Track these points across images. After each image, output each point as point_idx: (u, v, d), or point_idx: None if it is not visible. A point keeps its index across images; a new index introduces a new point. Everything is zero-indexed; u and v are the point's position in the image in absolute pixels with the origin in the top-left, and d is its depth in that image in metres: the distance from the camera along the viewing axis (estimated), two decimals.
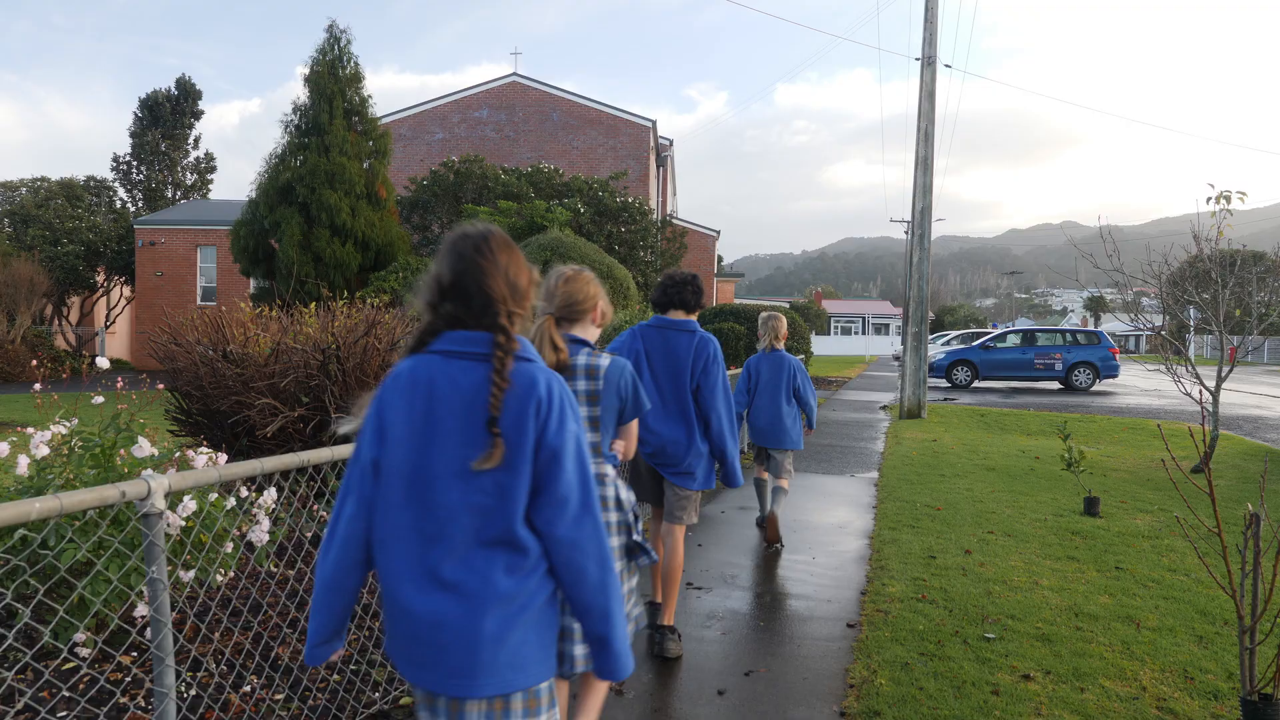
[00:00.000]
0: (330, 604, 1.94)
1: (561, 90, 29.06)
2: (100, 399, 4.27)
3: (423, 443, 1.85)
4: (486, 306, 1.89)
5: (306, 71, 19.15)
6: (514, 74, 29.14)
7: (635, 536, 3.07)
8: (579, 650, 2.62)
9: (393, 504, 1.85)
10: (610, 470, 3.05)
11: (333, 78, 19.10)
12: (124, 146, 53.45)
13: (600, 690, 2.97)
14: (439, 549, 1.82)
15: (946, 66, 16.59)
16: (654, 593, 4.27)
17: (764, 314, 6.77)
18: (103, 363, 4.08)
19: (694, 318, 4.33)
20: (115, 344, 31.63)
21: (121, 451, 3.82)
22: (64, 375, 20.53)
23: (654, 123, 29.18)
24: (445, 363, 1.88)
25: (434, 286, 1.94)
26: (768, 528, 6.32)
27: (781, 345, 6.65)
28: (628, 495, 3.11)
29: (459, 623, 1.80)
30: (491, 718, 1.85)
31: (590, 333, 3.15)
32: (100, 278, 30.33)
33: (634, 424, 3.19)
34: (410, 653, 1.85)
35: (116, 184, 38.73)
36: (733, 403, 4.38)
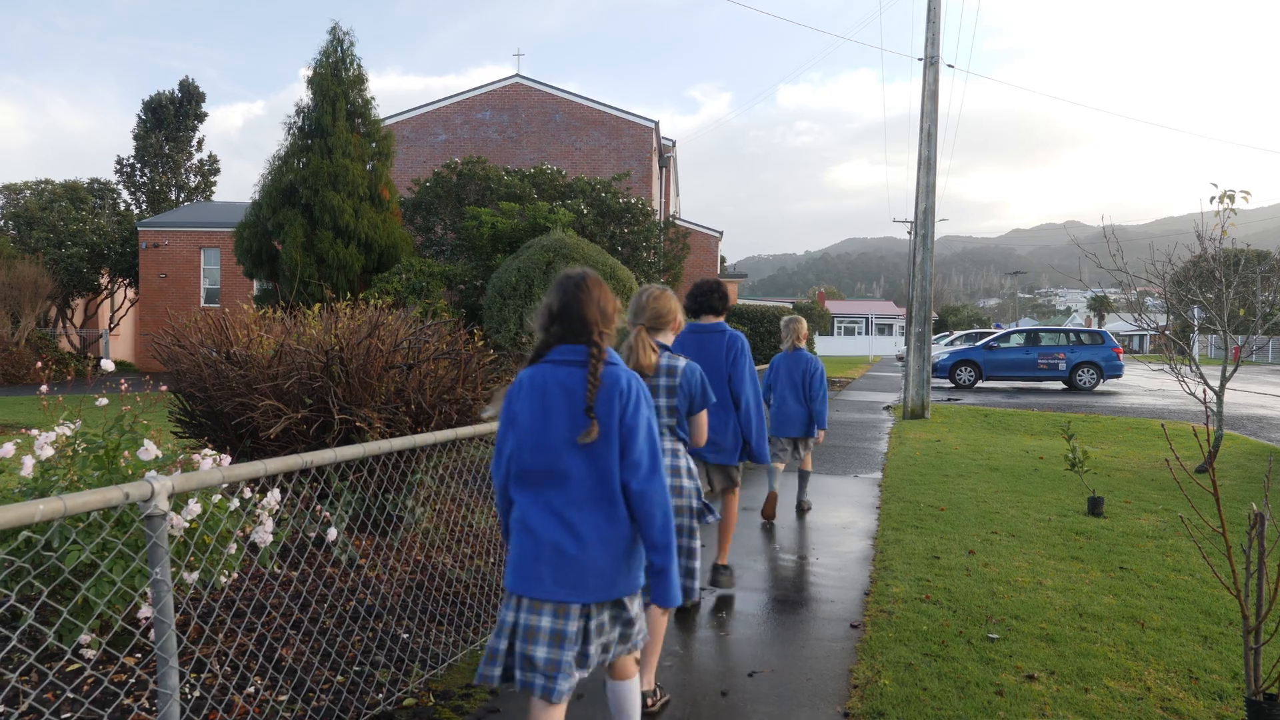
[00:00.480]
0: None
1: (564, 91, 29.05)
2: (104, 401, 4.27)
3: (543, 425, 2.60)
4: (584, 327, 2.65)
5: (309, 73, 19.15)
6: (516, 75, 29.13)
7: (704, 499, 3.78)
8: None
9: (527, 465, 2.62)
10: (683, 447, 3.76)
11: (335, 79, 19.10)
12: (127, 149, 53.47)
13: (661, 623, 3.61)
14: (561, 497, 2.58)
15: (949, 67, 16.57)
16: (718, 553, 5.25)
17: (785, 318, 7.47)
18: (107, 365, 4.08)
19: (722, 319, 5.03)
20: (119, 346, 31.68)
21: (125, 453, 3.82)
22: (68, 377, 20.53)
23: (657, 123, 29.16)
24: (554, 369, 2.63)
25: (546, 314, 2.72)
26: (765, 506, 7.15)
27: (803, 344, 7.37)
28: (696, 467, 3.80)
29: (574, 552, 2.55)
30: (588, 616, 2.59)
31: (669, 338, 3.83)
32: (104, 280, 30.36)
33: (703, 414, 3.84)
34: (530, 570, 2.57)
35: (120, 186, 38.81)
36: (760, 390, 5.02)
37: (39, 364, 10.41)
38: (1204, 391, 9.06)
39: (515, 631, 2.58)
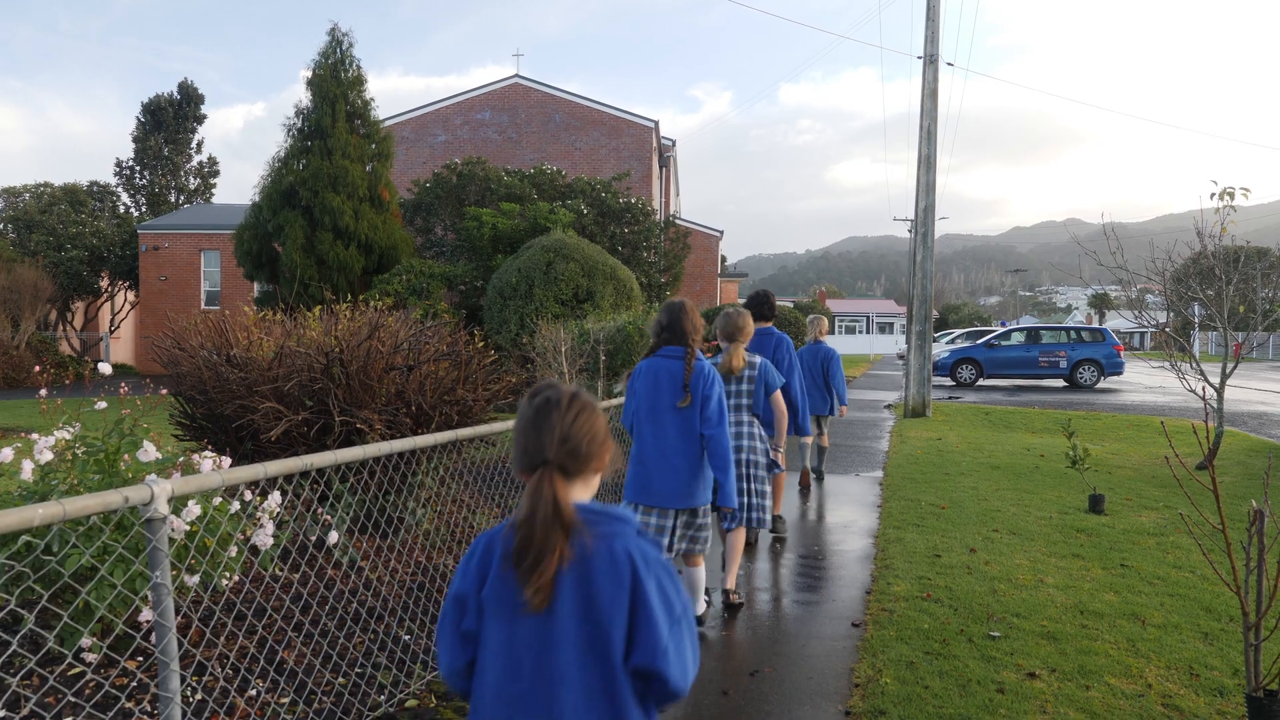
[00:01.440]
0: None
1: (564, 91, 29.02)
2: (104, 404, 4.27)
3: (655, 395, 4.21)
4: (683, 335, 4.24)
5: (309, 75, 19.14)
6: (516, 75, 29.10)
7: (773, 455, 5.20)
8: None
9: (643, 421, 4.24)
10: (757, 420, 5.16)
11: (335, 81, 19.10)
12: (127, 151, 53.47)
13: (739, 541, 4.89)
14: (665, 437, 4.18)
15: (949, 65, 16.55)
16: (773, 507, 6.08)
17: (810, 316, 8.93)
18: (106, 368, 4.08)
19: (771, 324, 6.57)
20: (119, 349, 31.68)
21: (125, 457, 3.82)
22: (68, 381, 20.53)
23: (656, 123, 29.14)
24: (663, 360, 4.25)
25: (658, 325, 4.31)
26: (801, 477, 8.51)
27: (823, 338, 8.62)
28: (764, 432, 5.18)
29: (673, 473, 4.17)
30: (685, 516, 4.26)
31: (745, 343, 5.13)
32: (104, 283, 30.34)
33: (778, 394, 5.26)
34: (646, 487, 4.20)
35: (120, 189, 38.75)
36: (804, 378, 6.50)
37: (38, 367, 10.39)
38: (1204, 388, 9.06)
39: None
